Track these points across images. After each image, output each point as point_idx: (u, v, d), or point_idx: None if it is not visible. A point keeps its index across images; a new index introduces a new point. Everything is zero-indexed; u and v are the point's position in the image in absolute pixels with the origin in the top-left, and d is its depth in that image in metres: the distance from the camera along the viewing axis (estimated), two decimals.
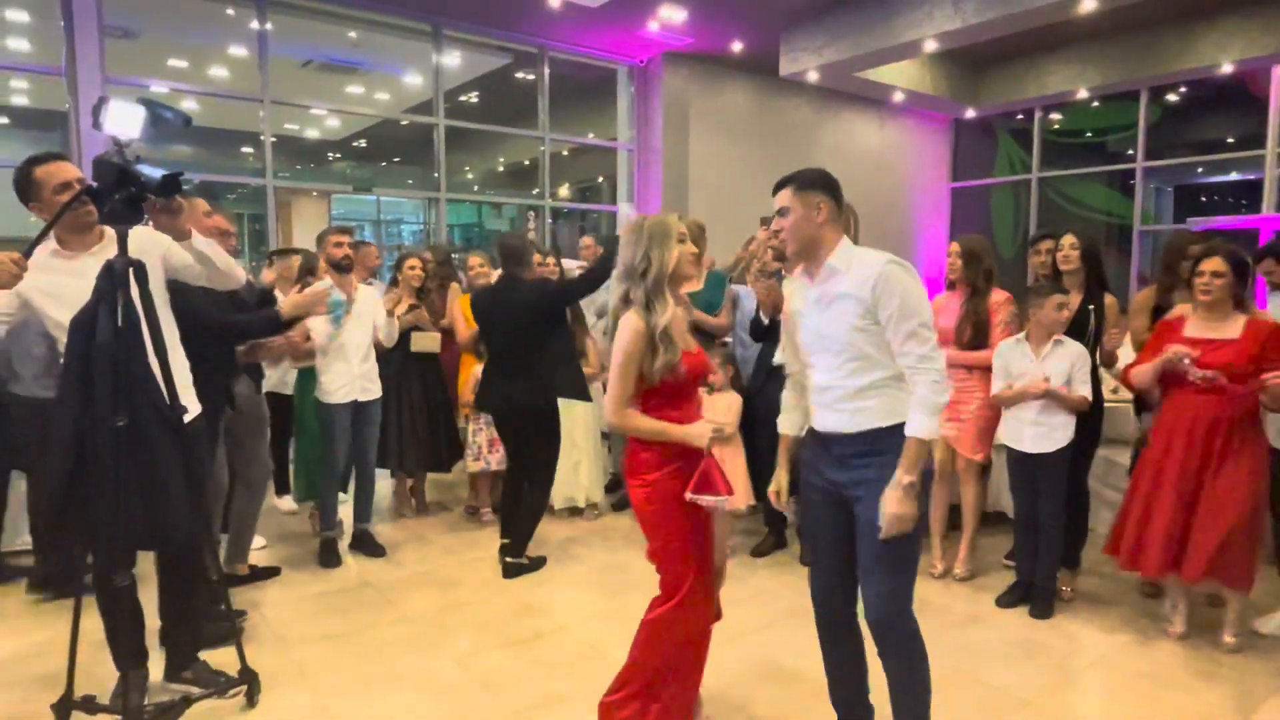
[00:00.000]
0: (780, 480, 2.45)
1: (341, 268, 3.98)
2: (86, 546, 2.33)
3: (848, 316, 2.11)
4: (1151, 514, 3.14)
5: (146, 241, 2.49)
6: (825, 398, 2.19)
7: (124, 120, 2.18)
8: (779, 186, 2.27)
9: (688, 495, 2.20)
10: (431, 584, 3.83)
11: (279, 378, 4.58)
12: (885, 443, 2.11)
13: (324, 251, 3.98)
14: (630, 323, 2.25)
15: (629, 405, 2.27)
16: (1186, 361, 3.01)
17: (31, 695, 2.73)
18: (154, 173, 2.20)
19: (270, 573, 3.88)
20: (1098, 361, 3.57)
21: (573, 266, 5.20)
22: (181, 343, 2.63)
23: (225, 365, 3.33)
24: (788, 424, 2.43)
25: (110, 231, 2.44)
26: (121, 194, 2.17)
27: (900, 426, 2.08)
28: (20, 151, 8.16)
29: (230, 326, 3.19)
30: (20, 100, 8.21)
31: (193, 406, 2.60)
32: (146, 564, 2.73)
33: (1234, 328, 3.06)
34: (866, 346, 2.10)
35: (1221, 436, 3.03)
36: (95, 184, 2.19)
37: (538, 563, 3.97)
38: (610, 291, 2.34)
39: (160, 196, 2.24)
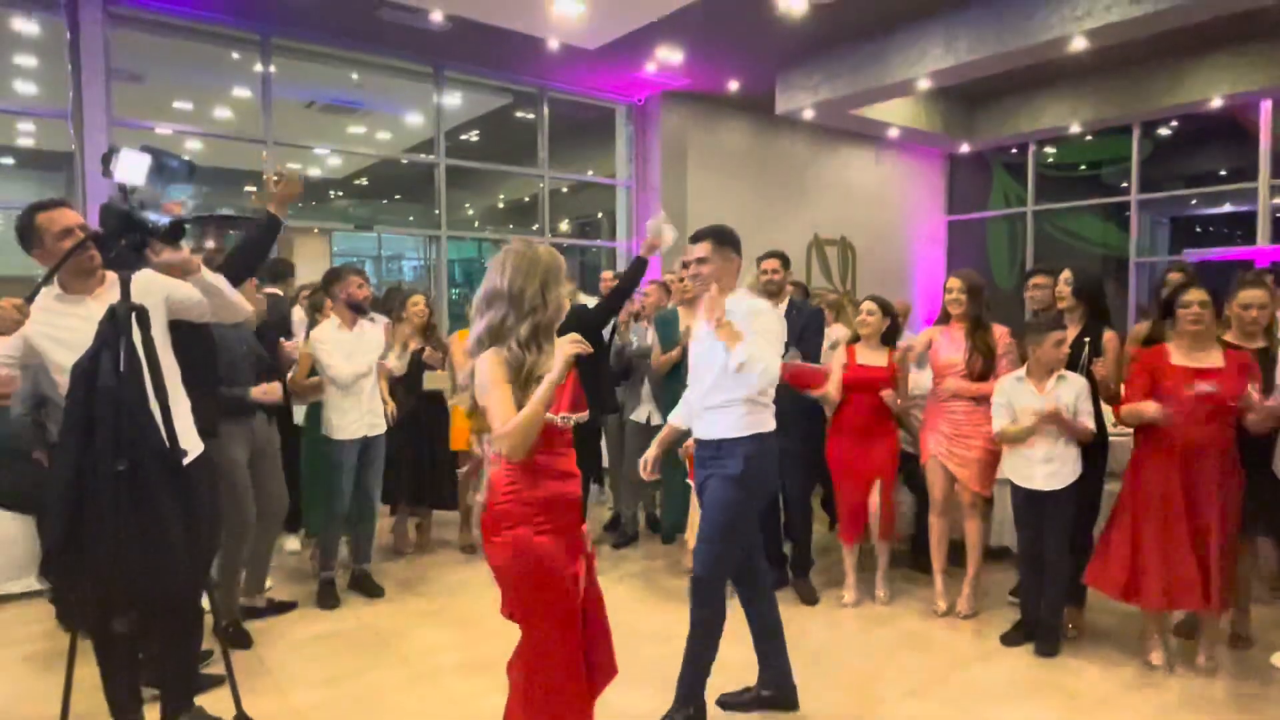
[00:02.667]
0: (649, 455, 3.01)
1: (361, 310, 4.04)
2: (85, 592, 2.31)
3: (720, 346, 2.69)
4: (1145, 545, 3.17)
5: (149, 285, 2.51)
6: (691, 409, 2.90)
7: (131, 169, 2.22)
8: (700, 237, 2.86)
9: (557, 417, 2.05)
10: (431, 625, 3.79)
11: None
12: (726, 451, 2.76)
13: (345, 291, 4.01)
14: (492, 359, 2.01)
15: (501, 423, 2.00)
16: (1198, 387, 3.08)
17: None
18: (160, 219, 2.22)
19: (286, 607, 3.87)
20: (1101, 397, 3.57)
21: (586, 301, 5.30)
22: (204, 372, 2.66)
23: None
24: (675, 417, 3.07)
25: (113, 275, 2.46)
26: (127, 240, 2.19)
27: (737, 439, 2.75)
28: (25, 192, 8.27)
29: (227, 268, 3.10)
30: (26, 141, 8.32)
31: (193, 448, 2.60)
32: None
33: (1216, 357, 3.14)
34: (729, 373, 2.68)
35: (1203, 466, 3.10)
36: (100, 230, 2.21)
37: None
38: (475, 322, 2.10)
39: (165, 242, 2.27)
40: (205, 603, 2.76)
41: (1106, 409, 3.55)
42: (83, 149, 6.14)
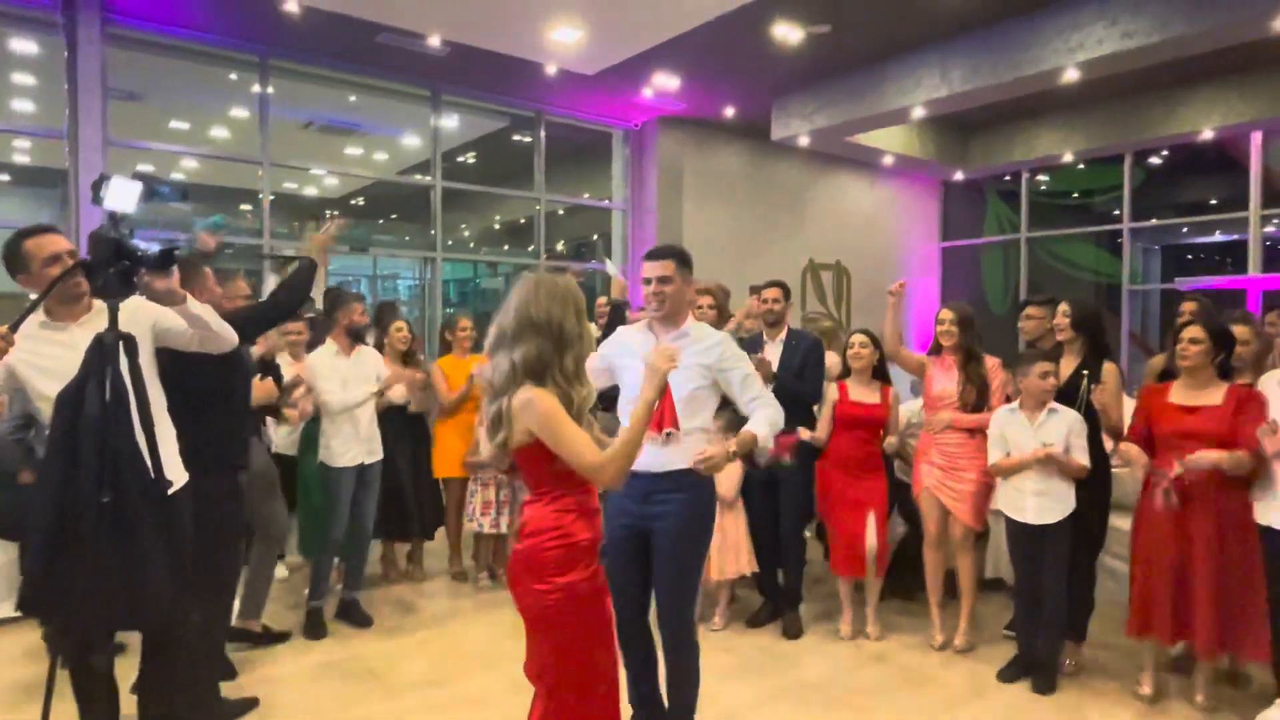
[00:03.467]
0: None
1: (359, 337, 4.05)
2: (64, 625, 2.25)
3: (690, 375, 2.56)
4: (1156, 579, 3.14)
5: (137, 313, 2.48)
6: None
7: (122, 196, 2.19)
8: (663, 256, 2.65)
9: (660, 434, 2.42)
10: (420, 655, 3.73)
11: (288, 440, 4.51)
12: (687, 482, 2.55)
13: (347, 317, 3.99)
14: (548, 398, 1.88)
15: (593, 455, 1.88)
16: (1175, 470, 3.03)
17: None
18: (150, 247, 2.19)
19: (281, 637, 3.81)
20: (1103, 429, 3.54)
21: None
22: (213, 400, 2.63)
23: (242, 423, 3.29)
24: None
25: (99, 303, 2.43)
26: (116, 267, 2.16)
27: (689, 471, 2.51)
28: (20, 209, 8.21)
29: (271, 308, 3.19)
30: (22, 159, 8.30)
31: (177, 479, 2.55)
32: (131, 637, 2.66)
33: (1216, 395, 3.09)
34: (693, 402, 2.58)
35: (1210, 504, 3.05)
36: (89, 258, 2.18)
37: None
38: (499, 354, 1.95)
39: (155, 270, 2.24)
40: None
41: (1110, 441, 3.52)
42: (78, 168, 6.12)
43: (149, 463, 2.25)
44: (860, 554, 3.87)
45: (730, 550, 3.98)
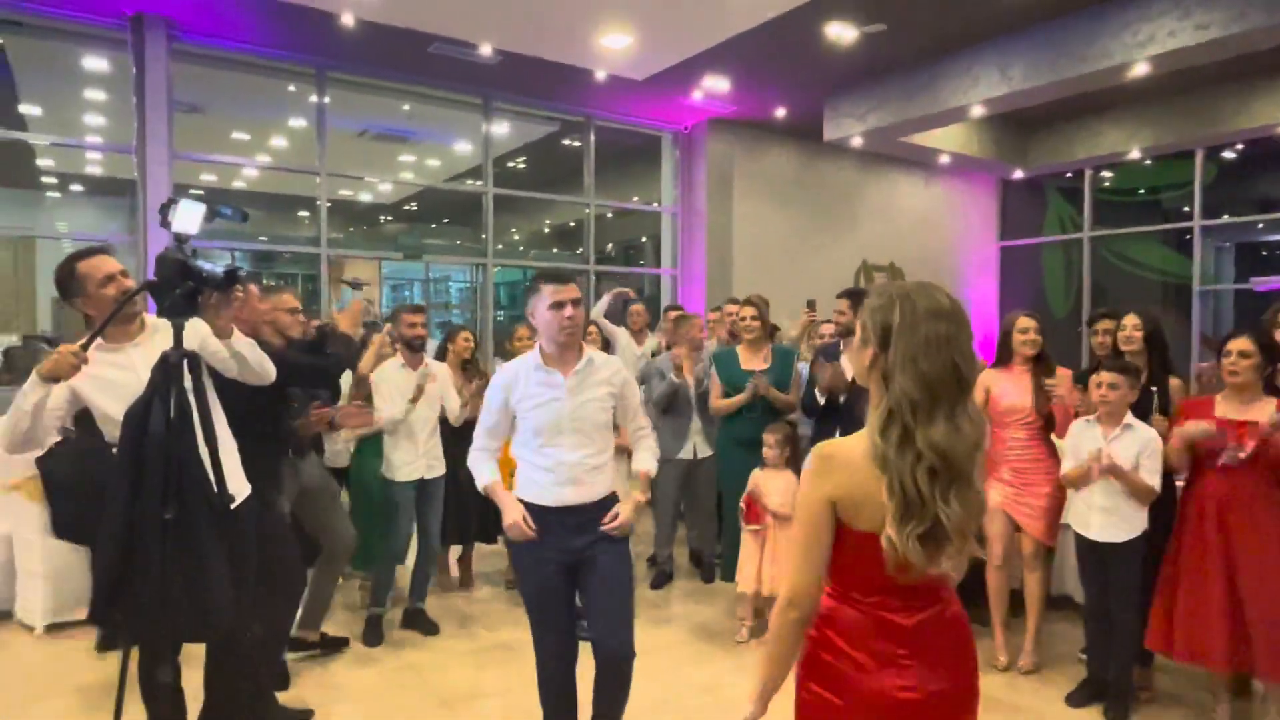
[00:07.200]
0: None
1: (415, 347, 4.05)
2: (131, 639, 2.31)
3: (602, 402, 2.61)
4: (1204, 602, 3.01)
5: (190, 330, 2.52)
6: (572, 472, 2.56)
7: (188, 218, 2.24)
8: (569, 279, 2.57)
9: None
10: (473, 665, 3.75)
11: (335, 451, 4.59)
12: (612, 504, 2.62)
13: (399, 330, 4.04)
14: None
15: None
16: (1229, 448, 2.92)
17: None
18: (214, 268, 2.24)
19: (339, 643, 3.86)
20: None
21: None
22: (243, 421, 2.65)
23: (280, 443, 3.33)
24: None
25: (151, 322, 2.48)
26: (181, 289, 2.21)
27: (614, 494, 2.65)
28: (92, 218, 8.56)
29: (311, 366, 3.26)
30: (94, 170, 8.65)
31: (240, 491, 2.60)
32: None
33: (1263, 410, 2.95)
34: (607, 428, 2.65)
35: (1248, 518, 2.95)
36: (155, 278, 2.23)
37: None
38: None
39: (220, 291, 2.28)
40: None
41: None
42: (145, 179, 6.33)
43: (212, 477, 2.30)
44: None
45: (783, 565, 3.91)
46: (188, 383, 2.26)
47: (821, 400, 3.91)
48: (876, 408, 1.46)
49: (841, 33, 6.34)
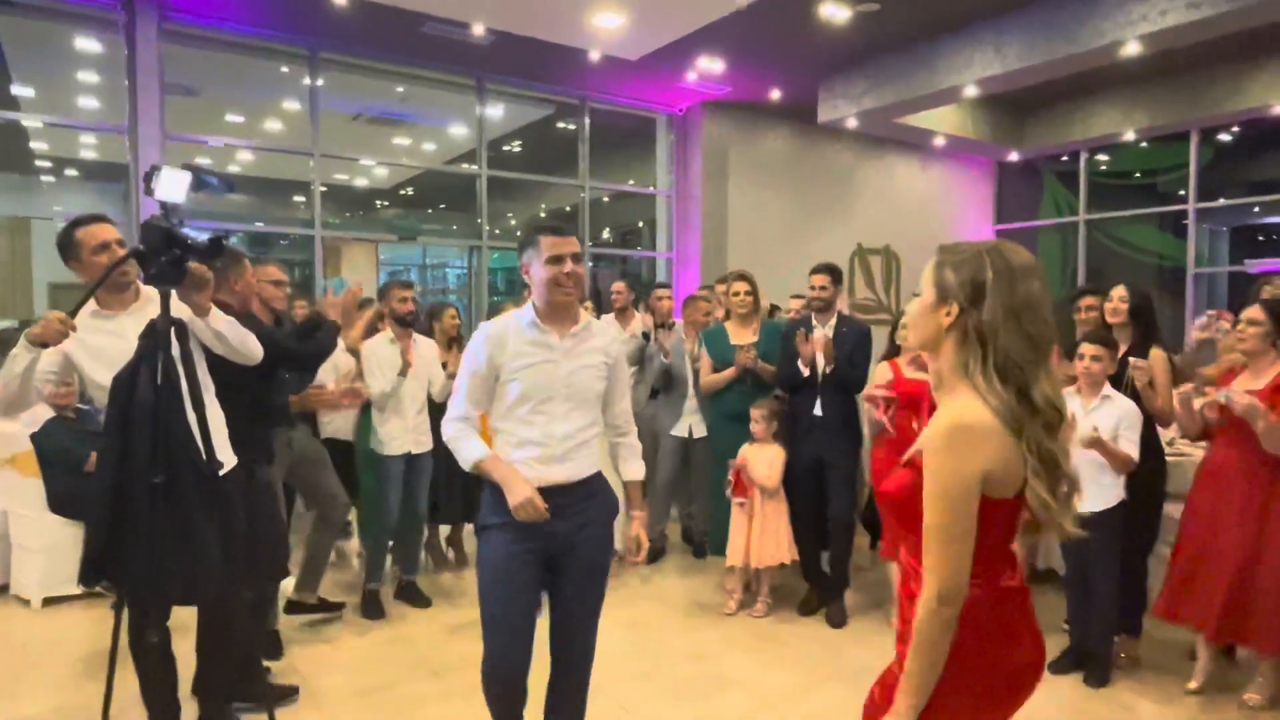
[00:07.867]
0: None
1: (405, 322, 4.08)
2: (121, 602, 2.35)
3: (597, 370, 2.36)
4: (1207, 570, 3.06)
5: (177, 302, 2.55)
6: (562, 446, 2.28)
7: (172, 186, 2.26)
8: (570, 233, 2.28)
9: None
10: (465, 639, 3.78)
11: (340, 423, 4.60)
12: (596, 485, 2.38)
13: (388, 305, 4.07)
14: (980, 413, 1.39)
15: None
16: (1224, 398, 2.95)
17: None
18: (200, 235, 2.26)
19: (336, 607, 3.93)
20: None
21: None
22: (231, 394, 2.68)
23: (269, 415, 3.35)
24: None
25: (146, 291, 2.52)
26: (167, 256, 2.23)
27: (599, 473, 2.37)
28: (86, 202, 8.54)
29: (292, 348, 3.26)
30: (88, 154, 8.64)
31: (228, 460, 2.63)
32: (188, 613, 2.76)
33: (1268, 378, 3.00)
34: (599, 401, 2.40)
35: (1263, 488, 2.98)
36: (141, 246, 2.25)
37: None
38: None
39: (205, 259, 2.30)
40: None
41: (1163, 432, 3.41)
42: (137, 162, 6.32)
43: (200, 445, 2.33)
44: None
45: (770, 538, 3.95)
46: (175, 350, 2.28)
47: (805, 372, 3.92)
48: (962, 367, 1.41)
49: (835, 12, 6.33)
